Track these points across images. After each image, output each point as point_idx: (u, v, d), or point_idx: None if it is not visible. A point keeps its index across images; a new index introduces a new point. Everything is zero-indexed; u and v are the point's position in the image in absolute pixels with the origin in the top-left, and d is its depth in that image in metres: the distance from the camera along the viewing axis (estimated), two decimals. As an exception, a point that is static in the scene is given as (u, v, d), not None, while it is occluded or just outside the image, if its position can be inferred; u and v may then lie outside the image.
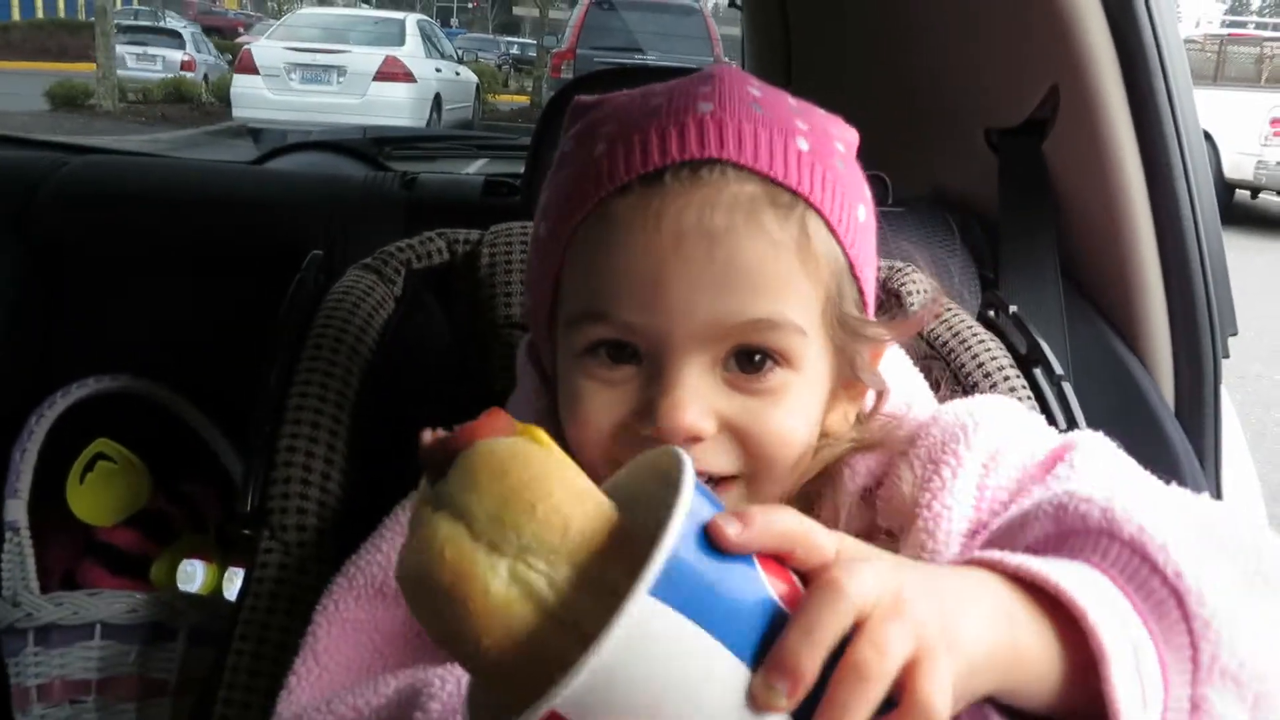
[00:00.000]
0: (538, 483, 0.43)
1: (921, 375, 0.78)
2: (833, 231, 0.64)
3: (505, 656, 0.41)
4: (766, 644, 0.41)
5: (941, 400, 0.79)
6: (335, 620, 0.69)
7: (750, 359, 0.62)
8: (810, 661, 0.40)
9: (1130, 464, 0.66)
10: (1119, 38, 1.04)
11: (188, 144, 9.87)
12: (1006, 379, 0.88)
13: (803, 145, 0.63)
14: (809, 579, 0.44)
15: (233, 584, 1.47)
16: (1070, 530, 0.54)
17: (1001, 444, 0.65)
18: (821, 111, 0.68)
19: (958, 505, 0.63)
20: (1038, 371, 0.91)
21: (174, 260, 1.63)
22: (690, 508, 0.41)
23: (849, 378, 0.68)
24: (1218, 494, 1.08)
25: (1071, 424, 0.87)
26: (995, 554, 0.52)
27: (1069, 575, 0.50)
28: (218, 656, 0.79)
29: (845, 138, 0.68)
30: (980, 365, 0.88)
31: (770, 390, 0.63)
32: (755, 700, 0.40)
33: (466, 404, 0.87)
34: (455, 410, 0.86)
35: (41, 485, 1.47)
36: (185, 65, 13.35)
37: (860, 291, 0.67)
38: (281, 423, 0.82)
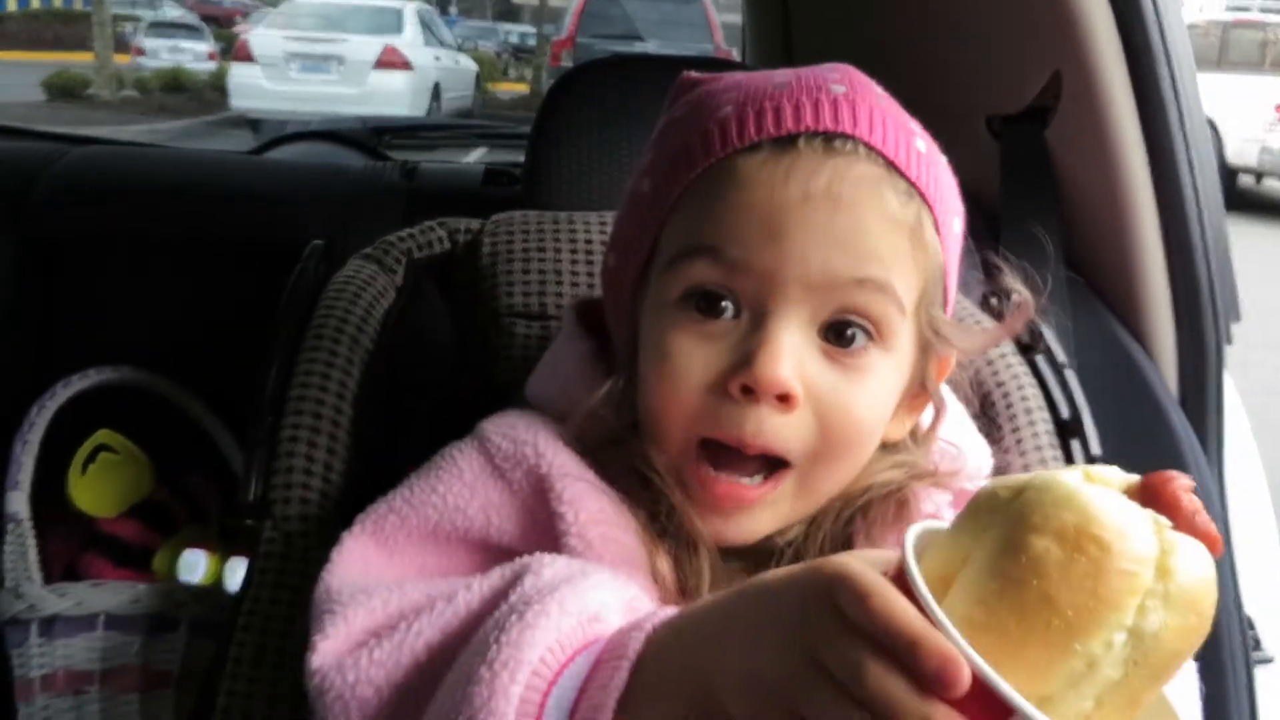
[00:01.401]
0: (1197, 636, 0.43)
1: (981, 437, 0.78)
2: (938, 231, 0.66)
3: (1042, 654, 0.41)
4: None
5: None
6: (387, 548, 0.66)
7: (845, 333, 0.62)
8: None
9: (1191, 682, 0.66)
10: (1122, 23, 1.04)
11: (186, 134, 9.85)
12: (1009, 366, 0.88)
13: (920, 146, 0.65)
14: None
15: (235, 575, 1.47)
16: None
17: None
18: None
19: None
20: (1040, 359, 0.90)
21: (173, 251, 1.63)
22: None
23: (917, 387, 0.69)
24: (1220, 481, 1.08)
25: (1075, 412, 0.87)
26: None
27: None
28: (220, 647, 0.79)
29: (944, 154, 0.69)
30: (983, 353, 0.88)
31: (860, 368, 0.63)
32: None
33: (468, 394, 0.88)
34: (456, 400, 0.86)
35: (43, 477, 1.47)
36: (211, 56, 14.09)
37: (946, 298, 0.69)
38: (283, 413, 0.82)
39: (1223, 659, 0.99)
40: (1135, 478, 0.47)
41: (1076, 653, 0.41)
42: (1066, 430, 0.87)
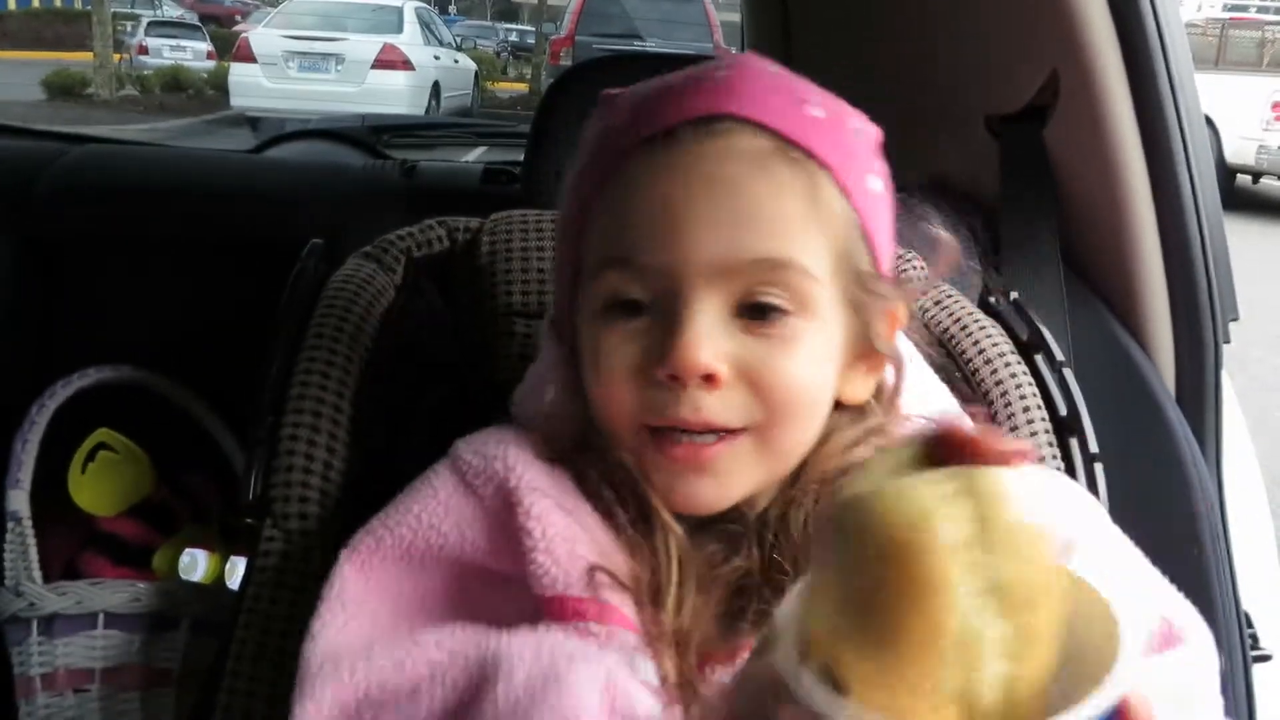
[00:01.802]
0: (1041, 558, 0.42)
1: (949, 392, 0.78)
2: (844, 192, 0.66)
3: (925, 665, 0.41)
4: None
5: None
6: (363, 573, 0.68)
7: (761, 311, 0.63)
8: None
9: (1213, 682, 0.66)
10: (1120, 21, 1.04)
11: (186, 133, 9.85)
12: (1007, 365, 0.88)
13: (816, 113, 0.66)
14: None
15: (235, 574, 1.47)
16: None
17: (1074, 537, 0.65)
18: (842, 101, 0.69)
19: None
20: (1039, 358, 0.90)
21: (173, 250, 1.63)
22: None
23: (865, 346, 0.69)
24: (1218, 480, 1.08)
25: (1073, 410, 0.87)
26: None
27: None
28: (221, 645, 0.79)
29: (864, 127, 0.69)
30: (981, 351, 0.88)
31: (782, 336, 0.64)
32: None
33: (468, 393, 0.88)
34: (456, 399, 0.86)
35: (43, 476, 1.47)
36: (210, 55, 14.31)
37: (874, 255, 0.68)
38: (283, 412, 0.82)
39: (1220, 656, 0.99)
40: (930, 429, 0.46)
41: (951, 642, 0.41)
42: (1064, 428, 0.87)
